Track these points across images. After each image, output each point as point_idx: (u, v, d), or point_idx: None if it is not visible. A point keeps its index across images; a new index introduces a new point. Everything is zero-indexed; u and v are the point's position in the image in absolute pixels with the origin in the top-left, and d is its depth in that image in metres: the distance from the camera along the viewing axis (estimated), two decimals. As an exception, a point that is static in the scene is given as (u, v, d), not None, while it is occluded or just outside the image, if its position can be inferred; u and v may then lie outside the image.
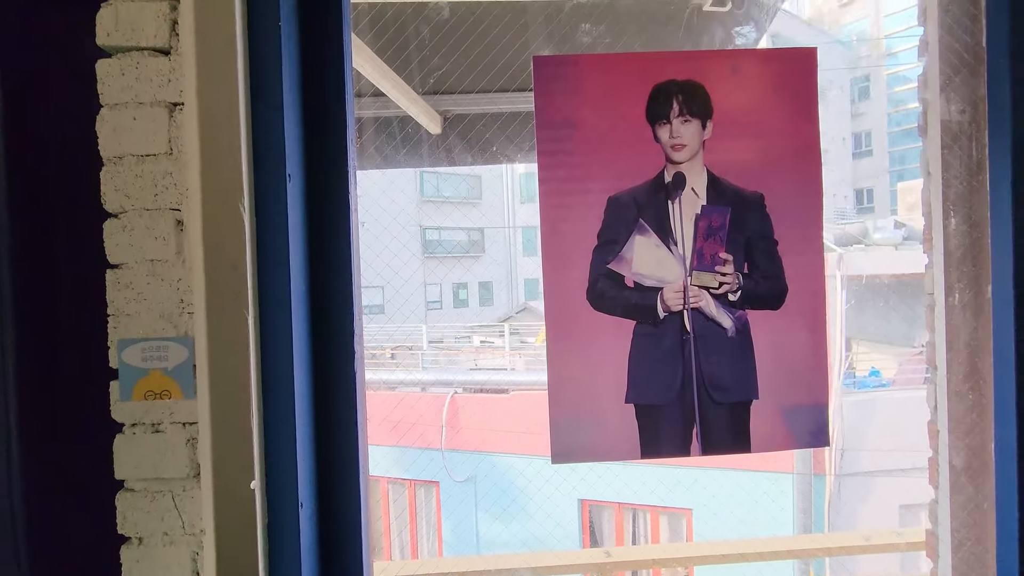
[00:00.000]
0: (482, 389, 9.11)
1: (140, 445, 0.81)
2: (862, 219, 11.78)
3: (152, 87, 0.81)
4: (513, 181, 21.78)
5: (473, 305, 21.75)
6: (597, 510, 8.46)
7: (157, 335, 0.81)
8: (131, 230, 0.81)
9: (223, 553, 0.67)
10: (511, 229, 22.41)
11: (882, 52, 25.48)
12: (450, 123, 1.19)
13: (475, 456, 8.56)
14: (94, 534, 0.85)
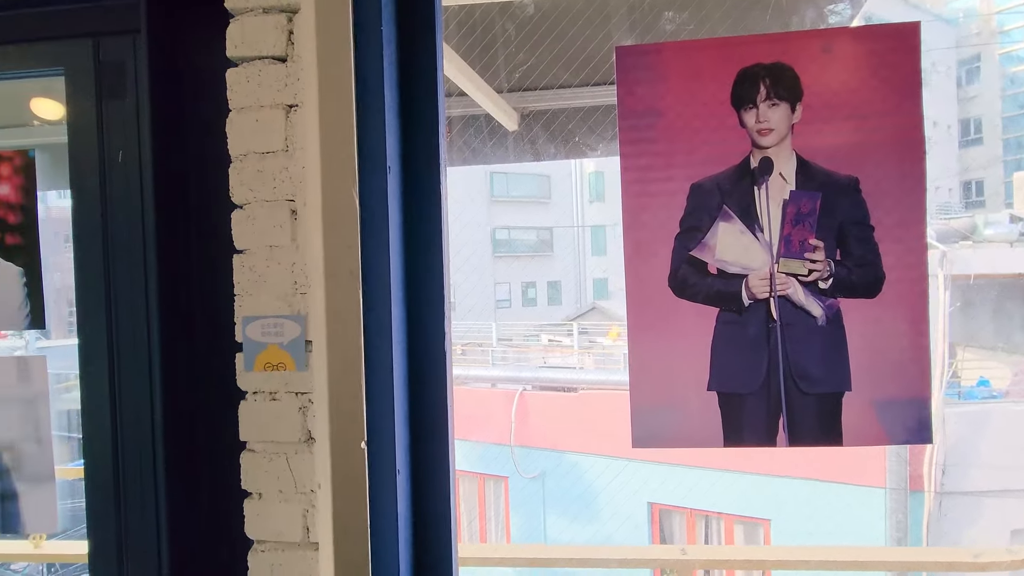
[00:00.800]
0: (551, 387, 9.13)
1: (260, 411, 0.91)
2: (970, 213, 10.68)
3: (271, 91, 0.90)
4: (582, 180, 21.63)
5: (541, 304, 21.82)
6: (667, 514, 8.24)
7: (274, 313, 0.90)
8: (254, 219, 0.91)
9: (338, 504, 0.75)
10: (580, 228, 22.27)
11: (993, 29, 22.92)
12: (533, 118, 1.22)
13: (544, 453, 8.60)
14: (223, 488, 0.97)
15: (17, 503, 1.07)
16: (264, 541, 0.92)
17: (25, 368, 1.08)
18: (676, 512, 8.17)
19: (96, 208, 1.03)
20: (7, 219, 1.07)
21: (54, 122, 1.36)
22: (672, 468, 7.80)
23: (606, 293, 21.85)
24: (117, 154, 1.02)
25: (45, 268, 1.07)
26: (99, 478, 1.03)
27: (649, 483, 7.98)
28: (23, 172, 1.06)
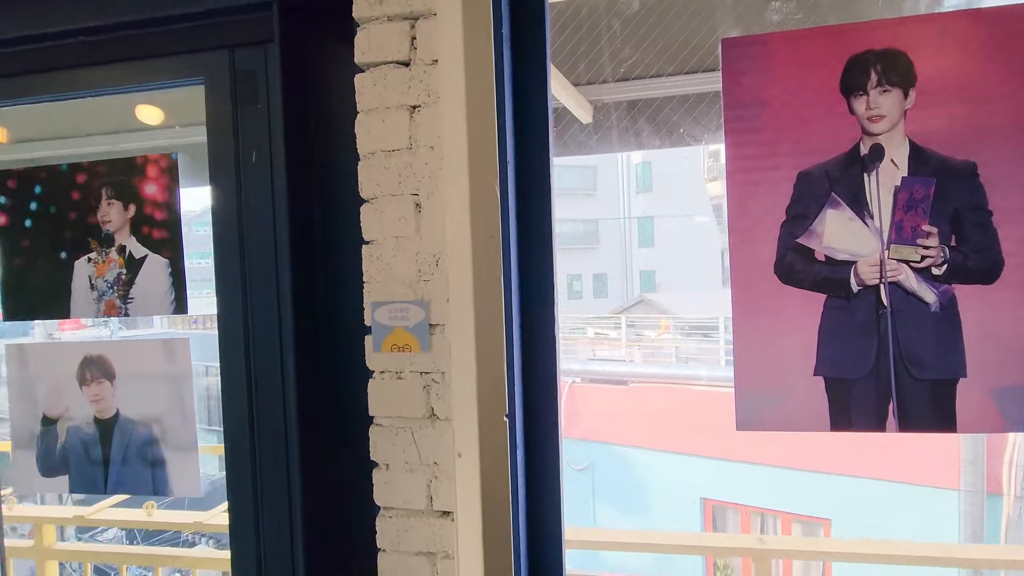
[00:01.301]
0: (601, 380, 9.10)
1: (387, 389, 0.99)
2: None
3: (396, 94, 0.98)
4: (629, 171, 21.28)
5: (587, 297, 21.66)
6: (721, 511, 8.10)
7: (400, 299, 0.98)
8: (381, 212, 0.99)
9: (484, 474, 0.81)
10: (626, 220, 21.94)
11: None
12: (637, 109, 1.25)
13: (594, 445, 8.60)
14: (350, 459, 1.06)
15: (165, 469, 1.20)
16: (391, 508, 1.00)
17: (171, 349, 1.20)
18: (729, 508, 8.01)
19: (233, 203, 1.13)
20: (154, 216, 1.19)
21: (156, 126, 1.49)
22: (726, 463, 7.65)
23: (653, 286, 21.49)
24: (251, 154, 1.13)
25: (187, 259, 1.19)
26: (238, 452, 1.14)
27: (701, 478, 7.86)
28: (168, 173, 1.18)
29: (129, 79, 1.18)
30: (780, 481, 7.10)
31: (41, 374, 1.26)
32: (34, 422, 1.26)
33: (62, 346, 1.25)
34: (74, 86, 1.21)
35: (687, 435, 7.52)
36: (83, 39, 1.18)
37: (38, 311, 1.25)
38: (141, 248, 1.20)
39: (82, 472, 1.24)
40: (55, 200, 1.23)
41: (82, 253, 1.22)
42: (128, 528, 5.26)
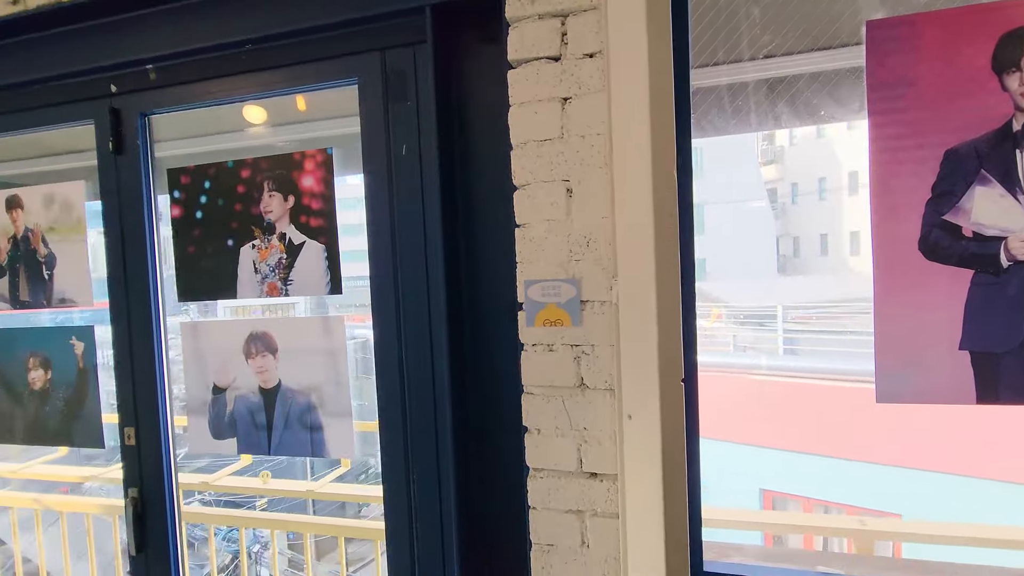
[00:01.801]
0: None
1: (539, 360, 1.08)
2: None
3: (548, 87, 1.05)
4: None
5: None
6: (781, 502, 7.94)
7: (552, 277, 1.06)
8: (533, 198, 1.07)
9: (666, 429, 0.88)
10: (674, 207, 21.40)
11: None
12: (782, 88, 1.27)
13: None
14: (505, 424, 1.16)
15: (322, 433, 1.34)
16: (542, 469, 1.10)
17: (327, 326, 1.34)
18: (791, 500, 7.84)
19: (384, 192, 1.24)
20: (311, 205, 1.32)
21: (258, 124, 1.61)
22: (786, 454, 7.47)
23: (704, 274, 20.97)
24: (401, 148, 1.23)
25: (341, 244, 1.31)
26: (391, 416, 1.26)
27: (761, 468, 7.71)
28: (324, 166, 1.31)
29: (290, 82, 1.31)
30: (844, 473, 6.88)
31: (211, 349, 1.42)
32: (205, 391, 1.42)
33: (230, 323, 1.41)
34: (241, 90, 1.35)
35: (747, 424, 7.39)
36: (249, 48, 1.31)
37: (208, 292, 1.41)
38: (299, 235, 1.33)
39: (248, 435, 1.40)
40: (223, 193, 1.38)
41: (247, 240, 1.37)
42: (234, 494, 5.66)
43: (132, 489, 1.49)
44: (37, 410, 1.59)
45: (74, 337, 1.55)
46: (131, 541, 1.48)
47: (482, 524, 1.19)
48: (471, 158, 1.19)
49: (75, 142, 2.78)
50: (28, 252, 1.57)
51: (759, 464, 7.55)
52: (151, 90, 1.42)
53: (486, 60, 1.15)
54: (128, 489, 1.49)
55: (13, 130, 1.55)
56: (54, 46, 1.44)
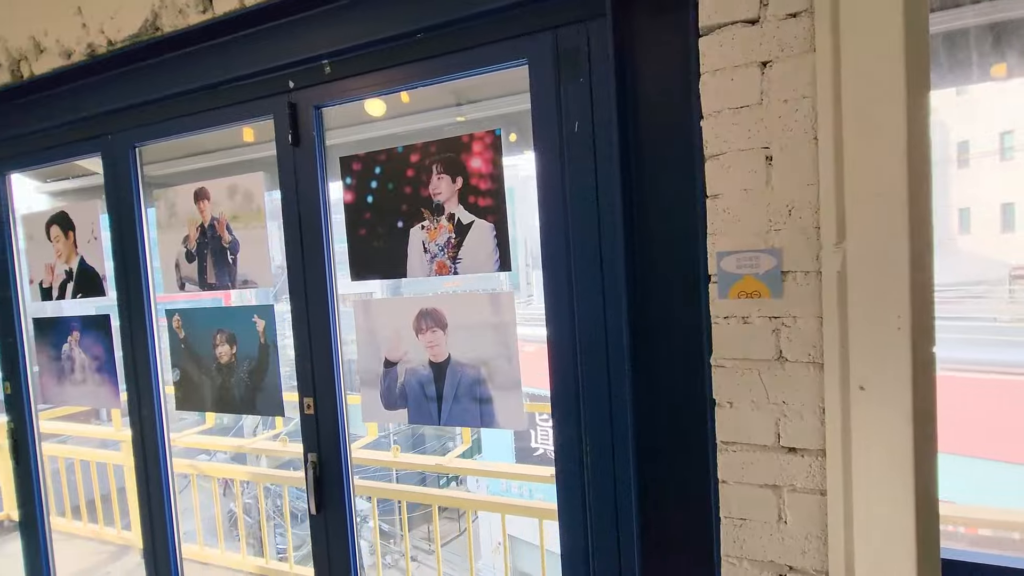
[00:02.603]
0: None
1: (732, 333, 1.07)
2: None
3: (745, 52, 1.02)
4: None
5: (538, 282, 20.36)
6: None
7: (749, 248, 1.04)
8: (728, 167, 1.05)
9: (918, 398, 0.85)
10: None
11: None
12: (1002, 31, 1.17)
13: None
14: (684, 397, 1.15)
15: (492, 406, 1.39)
16: (735, 443, 1.08)
17: (497, 302, 1.39)
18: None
19: (556, 169, 1.27)
20: (479, 186, 1.37)
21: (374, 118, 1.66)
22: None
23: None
24: (573, 125, 1.24)
25: (510, 223, 1.35)
26: (563, 394, 1.29)
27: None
28: (492, 147, 1.35)
29: (460, 67, 1.36)
30: (989, 474, 6.22)
31: (383, 324, 1.51)
32: (377, 364, 1.52)
33: (401, 300, 1.49)
34: (411, 78, 1.41)
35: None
36: (420, 36, 1.37)
37: (379, 272, 1.50)
38: (468, 215, 1.38)
39: (419, 407, 1.48)
40: (392, 177, 1.46)
41: (416, 221, 1.44)
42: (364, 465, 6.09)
43: (311, 454, 1.62)
44: (224, 381, 1.76)
45: (256, 316, 1.70)
46: (311, 502, 1.62)
47: (660, 499, 1.20)
48: (647, 131, 1.18)
49: (226, 138, 3.03)
50: (214, 239, 1.74)
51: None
52: (325, 84, 1.51)
53: (663, 30, 1.14)
54: (308, 455, 1.63)
55: (203, 128, 1.72)
56: (239, 48, 1.57)
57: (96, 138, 1.89)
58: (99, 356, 2.03)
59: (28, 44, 1.86)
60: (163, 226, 1.82)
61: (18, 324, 2.17)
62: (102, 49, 1.74)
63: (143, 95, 1.75)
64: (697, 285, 1.11)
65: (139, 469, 1.94)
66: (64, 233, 2.04)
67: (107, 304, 2.05)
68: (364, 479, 4.52)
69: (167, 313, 1.84)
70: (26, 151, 2.07)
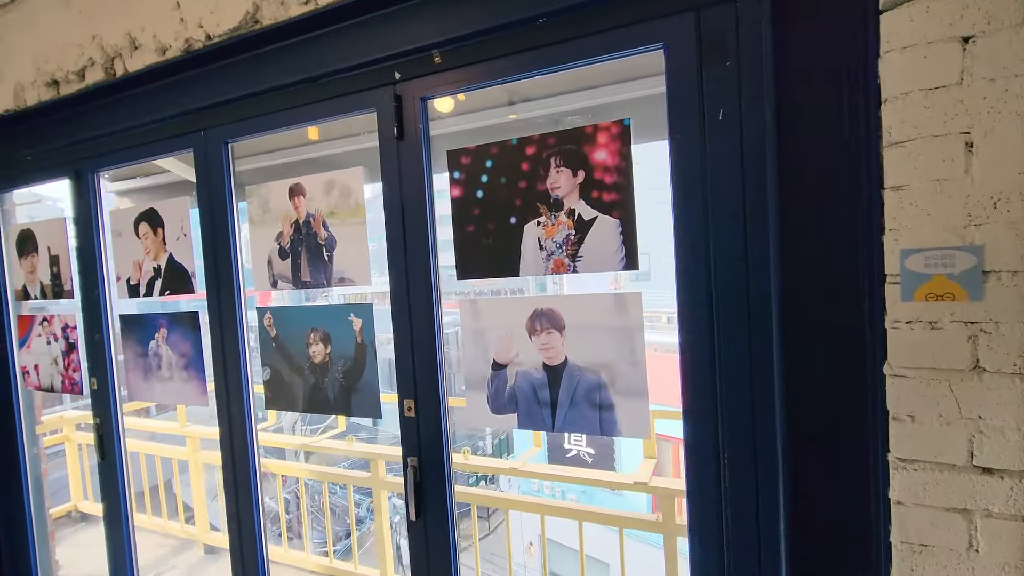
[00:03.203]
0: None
1: (914, 339, 0.96)
2: None
3: (942, 26, 0.92)
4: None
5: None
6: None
7: (941, 245, 0.93)
8: (916, 155, 0.95)
9: None
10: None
11: None
12: None
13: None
14: (845, 408, 1.05)
15: (613, 412, 1.32)
16: (914, 461, 0.98)
17: (623, 303, 1.31)
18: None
19: (696, 161, 1.18)
20: (604, 179, 1.29)
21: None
22: None
23: None
24: (717, 112, 1.15)
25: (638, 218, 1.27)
26: (698, 405, 1.21)
27: None
28: (619, 138, 1.27)
29: (585, 54, 1.28)
30: None
31: (491, 325, 1.45)
32: (484, 367, 1.46)
33: (512, 301, 1.43)
34: (528, 67, 1.34)
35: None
36: (542, 22, 1.30)
37: (489, 270, 1.44)
38: (590, 210, 1.30)
39: (530, 411, 1.41)
40: (505, 172, 1.39)
41: (531, 217, 1.37)
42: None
43: (411, 458, 1.57)
44: (317, 381, 1.73)
45: (352, 314, 1.66)
46: (410, 507, 1.57)
47: (811, 520, 1.10)
48: (806, 118, 1.08)
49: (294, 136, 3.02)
50: (309, 235, 1.70)
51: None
52: (433, 74, 1.46)
53: (832, 8, 1.04)
54: (407, 458, 1.57)
55: (299, 123, 1.68)
56: (342, 39, 1.53)
57: (188, 134, 1.88)
58: (186, 353, 2.02)
59: (124, 41, 1.86)
60: (255, 222, 1.80)
61: (105, 321, 2.19)
62: (198, 44, 1.72)
63: (238, 90, 1.72)
64: (861, 286, 1.01)
65: (226, 468, 1.92)
66: (153, 230, 2.04)
67: (192, 301, 2.05)
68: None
69: (259, 312, 1.82)
70: (114, 149, 2.08)
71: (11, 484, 2.58)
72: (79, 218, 2.19)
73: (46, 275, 2.37)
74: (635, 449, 10.12)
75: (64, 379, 2.39)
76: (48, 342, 2.42)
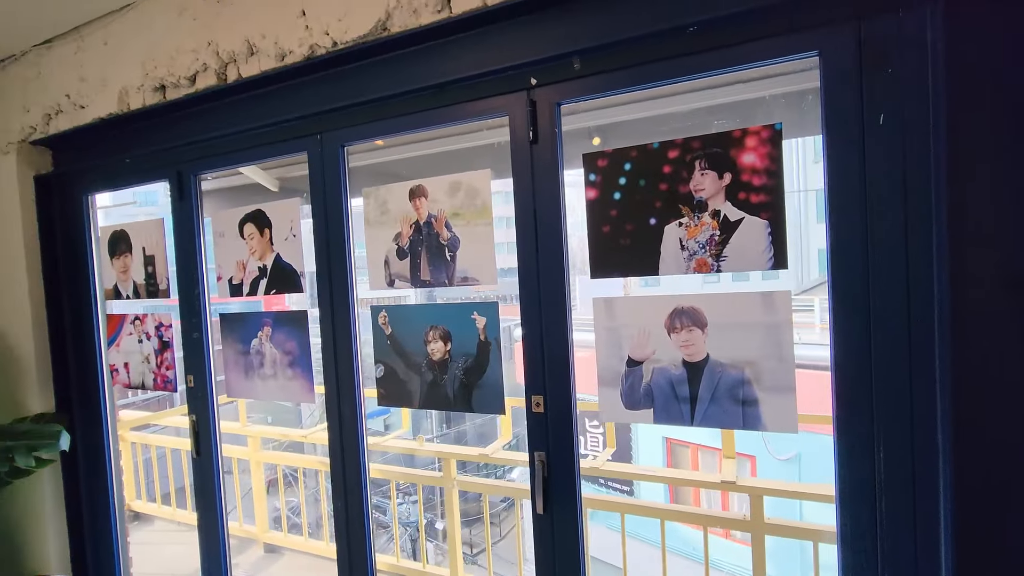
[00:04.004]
0: (806, 365, 8.41)
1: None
2: None
3: None
4: (803, 139, 19.16)
5: (754, 277, 20.11)
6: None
7: None
8: (1102, 159, 0.99)
9: None
10: (802, 193, 19.88)
11: None
12: None
13: (800, 435, 8.00)
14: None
15: (758, 408, 1.36)
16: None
17: (771, 301, 1.35)
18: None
19: (854, 169, 1.22)
20: (752, 182, 1.33)
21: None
22: None
23: (842, 265, 19.06)
24: (877, 117, 1.20)
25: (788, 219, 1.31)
26: (852, 426, 1.25)
27: None
28: (770, 142, 1.31)
29: (735, 61, 1.33)
30: None
31: (626, 323, 1.49)
32: (618, 363, 1.50)
33: (649, 299, 1.47)
34: (672, 74, 1.39)
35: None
36: (692, 31, 1.35)
37: (625, 270, 1.48)
38: (736, 211, 1.35)
39: (667, 407, 1.45)
40: (644, 174, 1.44)
41: (672, 219, 1.41)
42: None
43: (539, 453, 1.61)
44: (436, 379, 1.77)
45: (476, 312, 1.70)
46: (538, 501, 1.61)
47: (982, 528, 1.13)
48: (971, 123, 1.12)
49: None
50: (430, 236, 1.75)
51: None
52: (570, 80, 1.51)
53: (995, 14, 1.08)
54: (535, 453, 1.62)
55: (420, 128, 1.73)
56: (473, 46, 1.58)
57: (303, 138, 1.94)
58: (292, 351, 2.07)
59: (241, 47, 1.92)
60: (371, 223, 1.85)
61: (204, 319, 2.24)
62: (322, 50, 1.77)
63: (361, 95, 1.78)
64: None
65: (335, 471, 1.96)
66: (259, 231, 2.09)
67: (295, 300, 2.09)
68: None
69: (373, 311, 1.86)
70: (218, 152, 2.14)
71: (97, 478, 2.63)
72: (180, 218, 2.25)
73: (140, 275, 2.42)
74: (653, 452, 10.12)
75: (156, 376, 2.44)
76: (140, 340, 2.48)
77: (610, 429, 3.70)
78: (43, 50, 2.48)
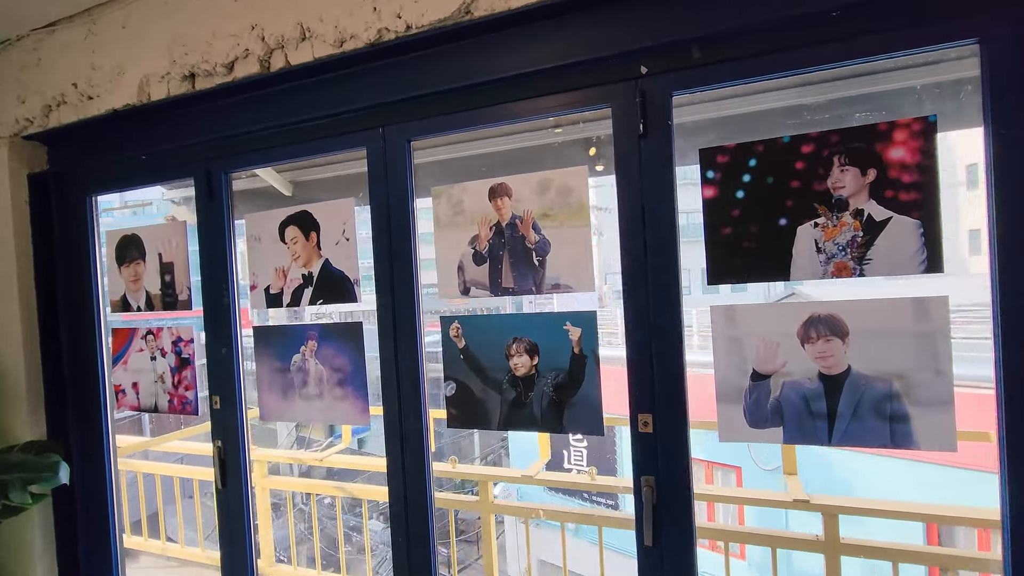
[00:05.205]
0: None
1: None
2: None
3: None
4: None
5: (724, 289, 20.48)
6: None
7: None
8: None
9: None
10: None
11: None
12: None
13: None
14: None
15: (909, 424, 1.24)
16: None
17: (924, 307, 1.24)
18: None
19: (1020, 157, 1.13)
20: (901, 178, 1.23)
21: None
22: (940, 469, 6.77)
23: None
24: (1050, 109, 1.12)
25: (945, 218, 1.21)
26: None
27: (915, 483, 7.08)
28: (923, 135, 1.22)
29: (875, 50, 1.23)
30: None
31: (751, 333, 1.36)
32: (741, 377, 1.37)
33: (778, 307, 1.35)
34: (810, 62, 1.29)
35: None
36: (835, 15, 1.25)
37: (749, 274, 1.35)
38: (883, 211, 1.24)
39: (800, 424, 1.32)
40: (773, 171, 1.33)
41: (806, 219, 1.30)
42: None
43: (647, 478, 1.46)
44: (519, 396, 1.60)
45: (569, 323, 1.55)
46: (647, 532, 1.45)
47: None
48: None
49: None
50: (514, 239, 1.59)
51: (909, 478, 6.90)
52: (687, 69, 1.39)
53: None
54: (642, 478, 1.46)
55: (504, 121, 1.58)
56: (572, 32, 1.45)
57: (361, 131, 1.76)
58: (342, 367, 1.86)
59: (293, 32, 1.73)
60: (443, 225, 1.68)
61: (235, 333, 2.01)
62: (391, 36, 1.60)
63: (435, 84, 1.62)
64: None
65: (395, 499, 1.76)
66: (304, 234, 1.89)
67: (344, 311, 1.89)
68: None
69: (443, 321, 1.69)
70: (256, 148, 1.93)
71: (96, 514, 2.32)
72: (207, 221, 2.02)
73: (155, 284, 2.17)
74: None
75: (173, 398, 2.18)
76: (152, 357, 2.21)
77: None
78: (44, 34, 2.22)
